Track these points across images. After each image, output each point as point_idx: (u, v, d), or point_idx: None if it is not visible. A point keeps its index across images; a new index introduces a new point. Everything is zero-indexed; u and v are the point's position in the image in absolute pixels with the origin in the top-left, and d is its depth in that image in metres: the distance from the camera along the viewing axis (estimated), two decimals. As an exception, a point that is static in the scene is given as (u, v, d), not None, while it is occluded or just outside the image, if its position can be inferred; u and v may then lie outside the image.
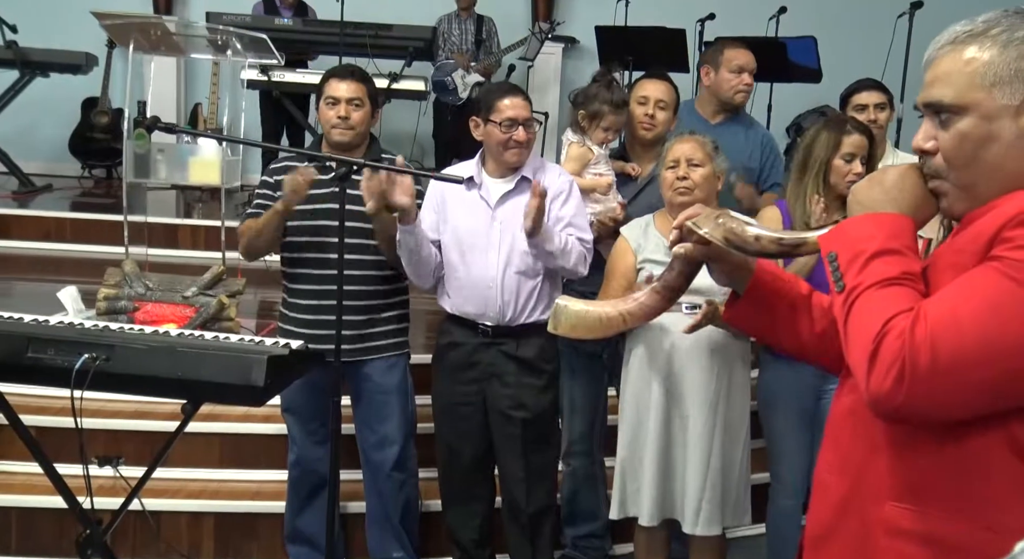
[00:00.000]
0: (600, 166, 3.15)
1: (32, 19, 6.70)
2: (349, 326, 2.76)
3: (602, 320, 1.62)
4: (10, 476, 3.38)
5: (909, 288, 1.21)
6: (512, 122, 2.83)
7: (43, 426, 3.11)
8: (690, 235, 1.51)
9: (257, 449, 3.51)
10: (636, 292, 1.64)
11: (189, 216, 6.26)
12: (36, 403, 3.27)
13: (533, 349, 2.90)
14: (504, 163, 2.88)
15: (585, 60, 7.55)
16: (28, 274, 5.30)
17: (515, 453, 2.93)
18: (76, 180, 7.21)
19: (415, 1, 7.22)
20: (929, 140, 1.28)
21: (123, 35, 4.58)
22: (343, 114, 2.95)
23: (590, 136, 3.16)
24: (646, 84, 3.26)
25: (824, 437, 1.44)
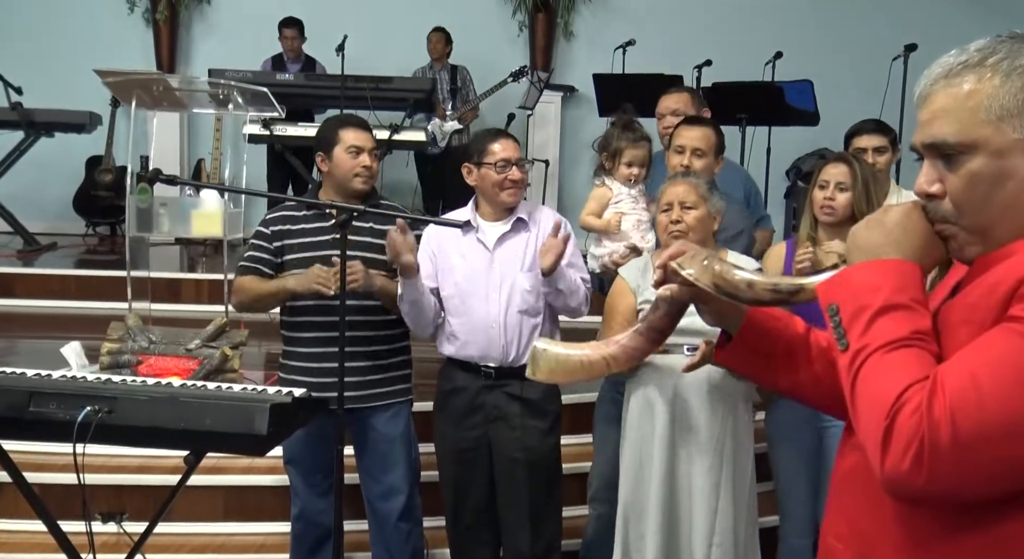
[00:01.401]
0: (623, 205, 3.16)
1: (37, 80, 6.79)
2: (352, 373, 2.75)
3: (583, 364, 1.51)
4: (12, 535, 3.35)
5: (920, 350, 1.11)
6: (506, 162, 2.87)
7: (45, 483, 3.09)
8: (674, 276, 1.43)
9: (261, 502, 3.48)
10: (618, 335, 1.57)
11: (192, 270, 6.29)
12: (38, 460, 3.25)
13: (538, 390, 2.88)
14: (501, 204, 2.90)
15: (584, 108, 7.62)
16: (33, 332, 5.31)
17: (518, 497, 2.89)
18: (81, 238, 7.25)
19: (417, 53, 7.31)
20: (934, 184, 1.17)
21: (126, 92, 4.64)
22: (367, 163, 2.99)
23: (614, 175, 3.19)
24: (683, 131, 3.19)
25: (829, 494, 1.36)
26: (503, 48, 7.78)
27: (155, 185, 4.40)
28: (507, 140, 2.93)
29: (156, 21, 7.76)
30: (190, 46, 8.00)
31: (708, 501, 2.69)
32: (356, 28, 6.69)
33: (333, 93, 6.48)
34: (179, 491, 2.40)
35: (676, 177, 2.88)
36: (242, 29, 7.28)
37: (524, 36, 7.96)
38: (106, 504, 3.17)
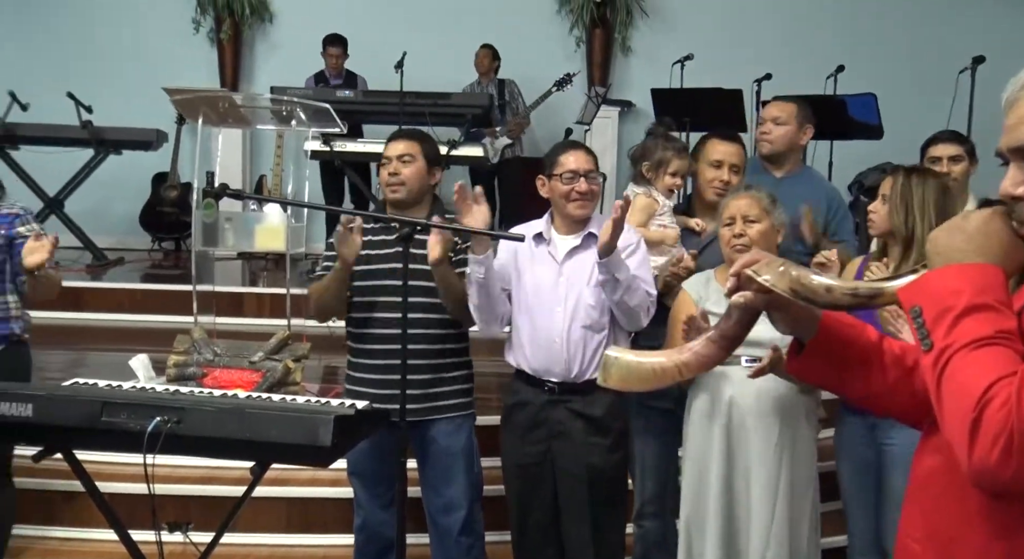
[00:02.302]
0: (664, 217, 3.14)
1: (106, 99, 6.97)
2: (414, 386, 2.76)
3: (655, 371, 1.53)
4: (83, 543, 3.42)
5: (1006, 348, 1.12)
6: (573, 174, 2.85)
7: (113, 492, 3.14)
8: (749, 283, 1.43)
9: (324, 513, 3.51)
10: (691, 342, 1.58)
11: (254, 284, 6.38)
12: (107, 470, 3.31)
13: (601, 407, 2.86)
14: (568, 216, 2.89)
15: (642, 123, 7.58)
16: (101, 344, 5.42)
17: (581, 515, 2.86)
18: (146, 253, 7.41)
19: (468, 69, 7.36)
20: (1019, 186, 1.20)
21: (192, 109, 4.74)
22: (392, 170, 3.01)
23: (656, 186, 3.16)
24: (719, 146, 3.18)
25: (906, 497, 1.36)
26: (560, 64, 7.77)
27: (220, 200, 4.49)
28: (578, 152, 2.92)
29: (220, 40, 7.95)
30: (253, 64, 8.17)
31: (763, 515, 2.65)
32: (412, 45, 6.75)
33: (391, 109, 6.55)
34: (244, 502, 2.42)
35: (740, 191, 2.86)
36: (302, 47, 7.40)
37: (581, 52, 7.98)
38: (172, 514, 3.21)
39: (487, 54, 7.25)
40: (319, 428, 2.17)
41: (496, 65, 7.26)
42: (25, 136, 6.70)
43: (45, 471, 3.30)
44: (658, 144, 3.18)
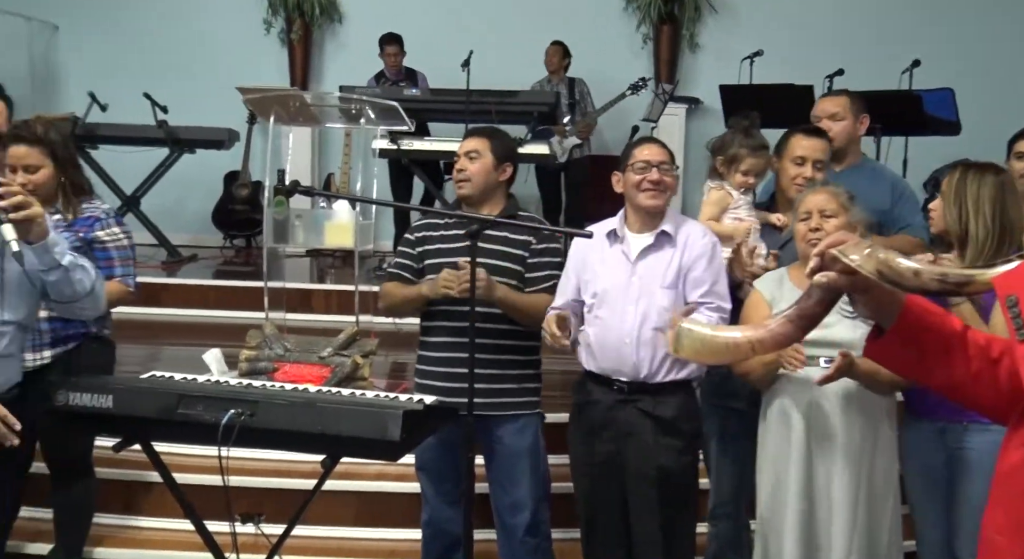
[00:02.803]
0: (740, 211, 3.09)
1: (180, 99, 7.12)
2: (481, 380, 2.76)
3: (728, 346, 1.53)
4: (157, 532, 3.52)
5: None
6: (646, 164, 2.82)
7: (189, 483, 3.20)
8: (833, 263, 1.41)
9: (391, 508, 3.54)
10: (768, 320, 1.55)
11: (322, 281, 6.46)
12: (182, 461, 3.37)
13: (672, 408, 2.83)
14: (640, 207, 2.85)
15: (709, 120, 7.51)
16: (176, 339, 5.55)
17: (651, 516, 2.84)
18: (218, 250, 7.55)
19: (533, 66, 7.36)
20: None
21: (264, 108, 4.83)
22: (459, 166, 3.03)
23: (729, 181, 3.12)
24: (802, 141, 3.11)
25: (991, 493, 1.34)
26: (627, 61, 7.76)
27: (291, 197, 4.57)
28: (652, 144, 2.90)
29: (291, 41, 8.07)
30: (322, 64, 8.28)
31: (847, 519, 2.61)
32: (478, 43, 6.77)
33: (458, 107, 6.58)
34: (315, 494, 2.46)
35: (816, 186, 2.81)
36: (371, 47, 7.46)
37: (648, 48, 7.92)
38: (245, 505, 3.27)
39: (557, 51, 7.16)
40: (388, 422, 2.19)
41: (567, 62, 7.19)
42: (104, 136, 6.89)
43: (125, 461, 3.41)
44: (735, 139, 3.13)
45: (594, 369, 2.89)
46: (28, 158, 2.94)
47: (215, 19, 8.03)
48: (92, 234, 3.06)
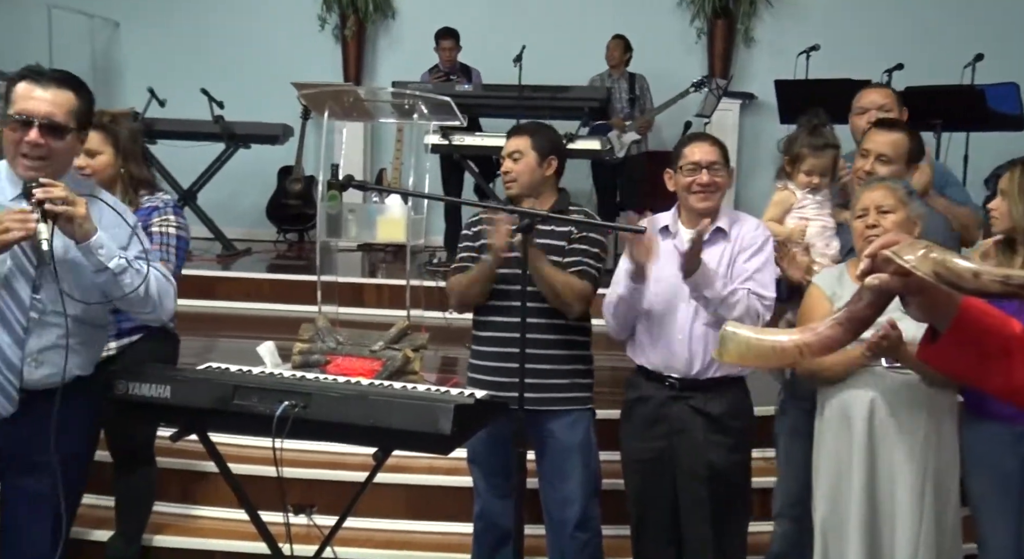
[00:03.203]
0: (806, 210, 3.04)
1: (235, 94, 7.22)
2: (531, 375, 2.76)
3: (775, 349, 1.47)
4: (212, 521, 3.57)
5: None
6: (695, 166, 2.80)
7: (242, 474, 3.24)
8: (886, 264, 1.36)
9: (441, 501, 3.55)
10: (816, 323, 1.52)
11: (373, 275, 6.51)
12: (236, 452, 3.42)
13: (723, 405, 2.81)
14: (691, 209, 2.85)
15: (764, 115, 7.42)
16: (230, 331, 5.62)
17: (701, 514, 2.82)
18: (272, 244, 7.66)
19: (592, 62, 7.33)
20: None
21: (319, 103, 4.87)
22: (505, 169, 3.05)
23: (794, 180, 3.08)
24: (872, 135, 3.05)
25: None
26: (680, 56, 7.69)
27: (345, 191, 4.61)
28: (702, 143, 2.87)
29: (344, 37, 8.13)
30: (375, 60, 8.34)
31: (912, 521, 2.56)
32: (530, 38, 6.76)
33: (509, 103, 6.58)
34: (367, 487, 2.47)
35: (873, 181, 2.76)
36: (423, 42, 7.49)
37: (702, 43, 7.85)
38: (297, 497, 3.32)
39: (618, 45, 7.06)
40: (439, 416, 2.20)
41: (628, 57, 7.08)
42: (162, 131, 7.01)
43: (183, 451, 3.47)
44: (799, 138, 3.09)
45: (646, 365, 2.89)
46: (89, 143, 2.97)
47: (271, 16, 8.13)
48: (149, 222, 3.08)
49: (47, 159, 2.24)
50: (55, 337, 2.30)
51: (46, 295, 2.27)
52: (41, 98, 2.23)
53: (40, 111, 2.22)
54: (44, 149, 2.23)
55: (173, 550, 3.48)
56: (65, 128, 2.25)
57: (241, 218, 7.83)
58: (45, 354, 2.29)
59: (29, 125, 2.21)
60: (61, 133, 2.25)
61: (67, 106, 2.26)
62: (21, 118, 2.22)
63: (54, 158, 2.26)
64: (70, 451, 2.35)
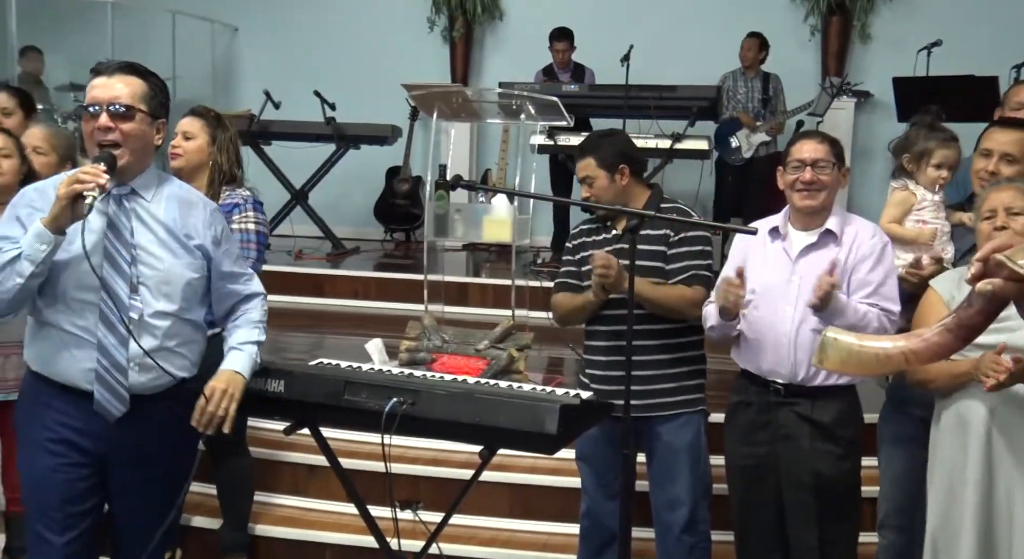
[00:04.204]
0: (925, 212, 2.92)
1: (346, 96, 7.38)
2: (638, 381, 2.73)
3: (879, 357, 1.42)
4: (321, 514, 3.65)
5: None
6: (799, 163, 2.74)
7: (349, 469, 3.31)
8: (999, 269, 1.31)
9: (544, 500, 3.56)
10: (923, 329, 1.44)
11: (478, 275, 6.57)
12: (342, 447, 3.50)
13: (831, 413, 2.73)
14: (795, 207, 2.78)
15: (879, 114, 7.20)
16: (339, 328, 5.75)
17: (807, 522, 2.75)
18: (379, 243, 7.80)
19: (696, 60, 7.24)
20: None
21: (428, 104, 4.94)
22: (583, 195, 3.03)
23: (919, 178, 2.96)
24: (993, 133, 2.91)
25: None
26: (793, 53, 7.50)
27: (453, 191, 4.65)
28: (809, 141, 2.79)
29: (452, 38, 8.23)
30: (482, 61, 8.41)
31: None
32: (640, 37, 6.71)
33: (616, 103, 6.54)
34: (473, 484, 2.48)
35: (1001, 182, 2.63)
36: (529, 43, 7.52)
37: (815, 40, 7.65)
38: (403, 493, 3.37)
39: (752, 44, 6.90)
40: (545, 416, 2.19)
41: (763, 56, 6.92)
42: (276, 132, 7.22)
43: (288, 444, 3.57)
44: (920, 134, 2.97)
45: (750, 369, 2.83)
46: (188, 126, 3.23)
47: (381, 19, 8.28)
48: (229, 221, 3.12)
49: (122, 145, 2.25)
50: (157, 339, 2.29)
51: (144, 295, 2.27)
52: (105, 85, 2.27)
53: (105, 97, 2.25)
54: (115, 132, 2.24)
55: (287, 541, 3.56)
56: (131, 109, 2.26)
57: (350, 217, 7.99)
58: (148, 358, 2.27)
59: (98, 113, 2.25)
60: (128, 115, 2.26)
61: (132, 90, 2.28)
62: (90, 108, 2.26)
63: (128, 141, 2.26)
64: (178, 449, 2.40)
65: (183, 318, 2.34)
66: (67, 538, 2.31)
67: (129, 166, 2.28)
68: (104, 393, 2.25)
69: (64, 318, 2.25)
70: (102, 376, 2.24)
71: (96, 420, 2.27)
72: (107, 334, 2.24)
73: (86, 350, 2.24)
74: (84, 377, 2.25)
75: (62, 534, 2.31)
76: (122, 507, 2.40)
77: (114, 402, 2.26)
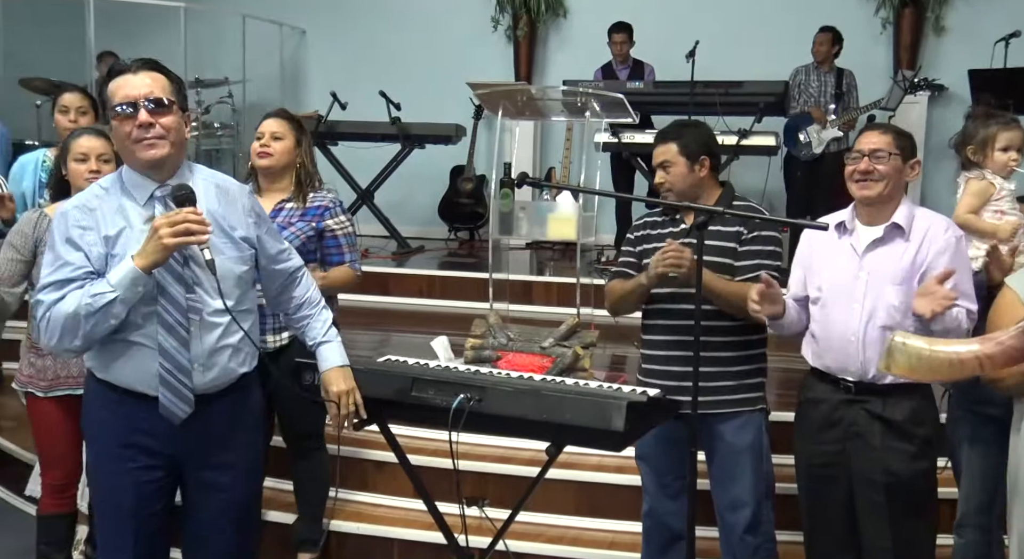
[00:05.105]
0: (1003, 202, 2.85)
1: (411, 96, 7.44)
2: (701, 379, 2.69)
3: (951, 363, 1.38)
4: (388, 509, 3.69)
5: None
6: (858, 153, 2.69)
7: (416, 465, 3.34)
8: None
9: (610, 499, 3.55)
10: (999, 333, 1.38)
11: (541, 273, 6.57)
12: (406, 443, 3.52)
13: (903, 411, 2.67)
14: (856, 199, 2.73)
15: (954, 108, 7.01)
16: (403, 326, 5.81)
17: (880, 522, 2.69)
18: (443, 242, 7.85)
19: (762, 55, 7.14)
20: None
21: (493, 102, 4.95)
22: (658, 180, 2.97)
23: (988, 167, 2.88)
24: None
25: None
26: (864, 47, 7.35)
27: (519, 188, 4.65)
28: (872, 132, 2.75)
29: (516, 37, 8.24)
30: (545, 59, 8.41)
31: None
32: (705, 33, 6.64)
33: (681, 99, 6.48)
34: (540, 481, 2.49)
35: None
36: (593, 41, 7.50)
37: (888, 33, 7.49)
38: (469, 490, 3.39)
39: (825, 39, 6.78)
40: (612, 413, 2.18)
41: (836, 50, 6.78)
42: (343, 133, 7.32)
43: (357, 441, 3.61)
44: (978, 123, 2.90)
45: (819, 367, 2.79)
46: (276, 127, 3.27)
47: (446, 19, 8.34)
48: (323, 224, 3.26)
49: (164, 138, 2.21)
50: (218, 337, 2.28)
51: (200, 295, 2.25)
52: (133, 82, 2.22)
53: (137, 93, 2.19)
54: (157, 128, 2.20)
55: (355, 535, 3.61)
56: (168, 102, 2.23)
57: (414, 217, 8.06)
58: (213, 358, 2.28)
59: (135, 110, 2.19)
60: (167, 109, 2.22)
61: (160, 84, 2.24)
62: (125, 108, 2.19)
63: (169, 135, 2.22)
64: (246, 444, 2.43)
65: (239, 311, 2.32)
66: (138, 539, 2.34)
67: (170, 161, 2.26)
68: (169, 396, 2.25)
69: (128, 327, 2.23)
70: (166, 380, 2.24)
71: (162, 422, 2.28)
72: (167, 337, 2.23)
73: (148, 355, 2.23)
74: (148, 383, 2.25)
75: (134, 536, 2.33)
76: (196, 505, 2.42)
77: (179, 404, 2.27)
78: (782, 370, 3.57)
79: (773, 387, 3.07)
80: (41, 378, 3.11)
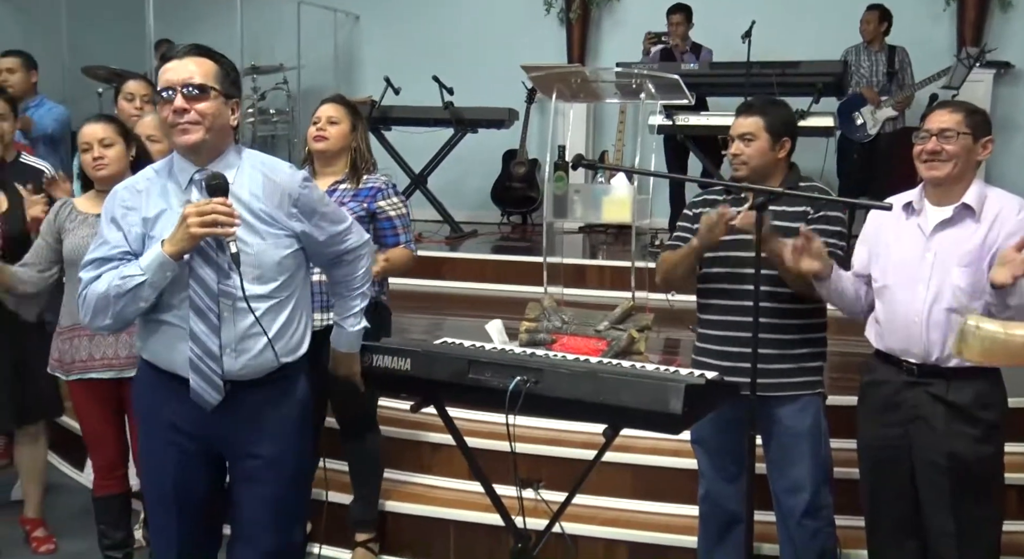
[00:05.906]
0: None
1: (464, 80, 7.44)
2: (759, 360, 2.67)
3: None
4: (445, 491, 3.72)
5: None
6: (926, 133, 2.63)
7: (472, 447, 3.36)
8: None
9: (666, 482, 3.53)
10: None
11: (595, 257, 6.54)
12: (466, 426, 3.54)
13: (968, 394, 2.61)
14: (924, 179, 2.67)
15: (1021, 85, 6.82)
16: (456, 310, 5.83)
17: (943, 506, 2.65)
18: (496, 226, 7.85)
19: (818, 35, 7.00)
20: None
21: (547, 85, 4.93)
22: (735, 151, 2.91)
23: None
24: None
25: None
26: (924, 24, 7.18)
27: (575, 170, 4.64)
28: (940, 110, 2.68)
29: (569, 20, 8.19)
30: (599, 42, 8.35)
31: None
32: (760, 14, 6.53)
33: (737, 81, 6.39)
34: (596, 463, 2.48)
35: None
36: (646, 23, 7.41)
37: (951, 10, 7.30)
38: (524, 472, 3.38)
39: (873, 17, 6.68)
40: (670, 395, 2.17)
41: (885, 27, 6.68)
42: (396, 117, 7.35)
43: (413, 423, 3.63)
44: None
45: (882, 348, 2.75)
46: (333, 111, 3.33)
47: (499, 3, 8.33)
48: (375, 205, 3.30)
49: (199, 123, 2.21)
50: (251, 323, 2.24)
51: (236, 280, 2.21)
52: (176, 68, 2.23)
53: (177, 79, 2.21)
54: (192, 113, 2.20)
55: (411, 516, 3.64)
56: (205, 88, 2.22)
57: (467, 201, 8.07)
58: (244, 343, 2.25)
59: (172, 97, 2.20)
60: (203, 95, 2.22)
61: (204, 70, 2.25)
62: (164, 93, 2.22)
63: (204, 120, 2.22)
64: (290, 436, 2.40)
65: (281, 298, 2.30)
66: (182, 521, 2.35)
67: (206, 146, 2.25)
68: (199, 381, 2.24)
69: (163, 308, 2.24)
70: (196, 364, 2.23)
71: (198, 406, 2.27)
72: (198, 322, 2.21)
73: (181, 337, 2.23)
74: (182, 364, 2.25)
75: (177, 518, 2.35)
76: (239, 495, 2.40)
77: (209, 390, 2.24)
78: (840, 354, 3.51)
79: (830, 371, 3.02)
80: (62, 361, 3.16)
